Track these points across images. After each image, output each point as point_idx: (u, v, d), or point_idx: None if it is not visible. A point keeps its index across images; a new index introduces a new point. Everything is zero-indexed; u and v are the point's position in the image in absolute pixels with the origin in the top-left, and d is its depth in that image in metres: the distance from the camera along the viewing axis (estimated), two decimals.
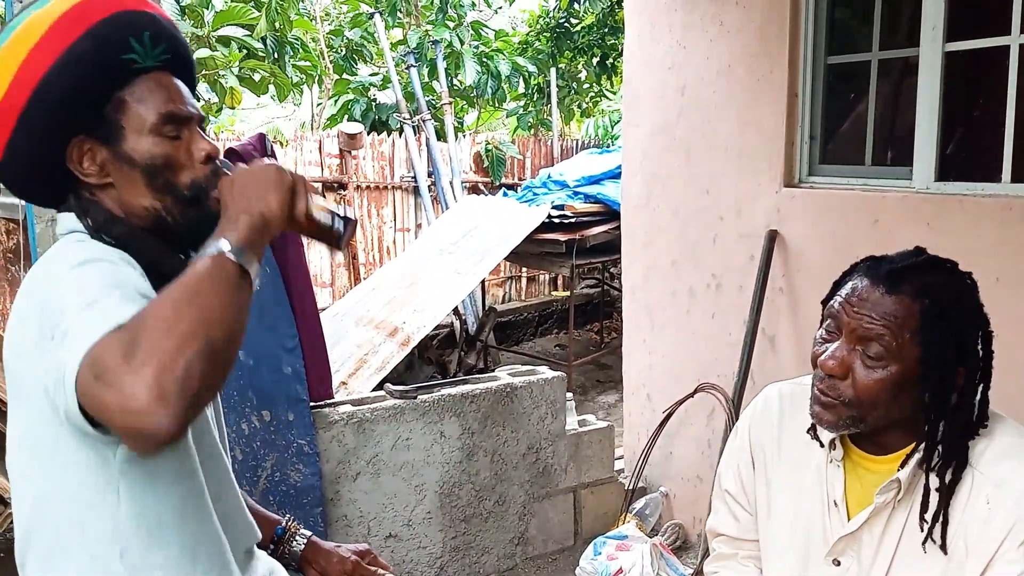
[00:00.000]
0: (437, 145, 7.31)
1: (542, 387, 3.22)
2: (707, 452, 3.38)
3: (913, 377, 1.11)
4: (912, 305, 1.11)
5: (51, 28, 1.05)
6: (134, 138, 1.11)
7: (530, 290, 8.29)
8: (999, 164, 2.50)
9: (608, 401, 5.92)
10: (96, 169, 1.12)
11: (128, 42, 1.09)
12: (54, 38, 1.05)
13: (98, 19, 1.07)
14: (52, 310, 1.01)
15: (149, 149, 1.11)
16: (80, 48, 1.05)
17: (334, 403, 2.91)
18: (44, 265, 1.11)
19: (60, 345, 0.96)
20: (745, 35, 3.14)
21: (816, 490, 1.25)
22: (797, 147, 3.06)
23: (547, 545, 3.33)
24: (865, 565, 1.20)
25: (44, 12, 1.06)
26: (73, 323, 0.96)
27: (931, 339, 1.10)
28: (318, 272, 6.90)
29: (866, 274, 1.15)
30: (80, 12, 1.06)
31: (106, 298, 0.97)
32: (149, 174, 1.12)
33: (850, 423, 1.15)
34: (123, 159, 1.12)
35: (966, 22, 2.65)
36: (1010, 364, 2.34)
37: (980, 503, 1.10)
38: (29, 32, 1.05)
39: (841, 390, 1.13)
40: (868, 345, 1.11)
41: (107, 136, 1.11)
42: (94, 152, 1.12)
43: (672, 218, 3.54)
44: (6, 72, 1.05)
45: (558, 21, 9.34)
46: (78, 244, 1.12)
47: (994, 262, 2.40)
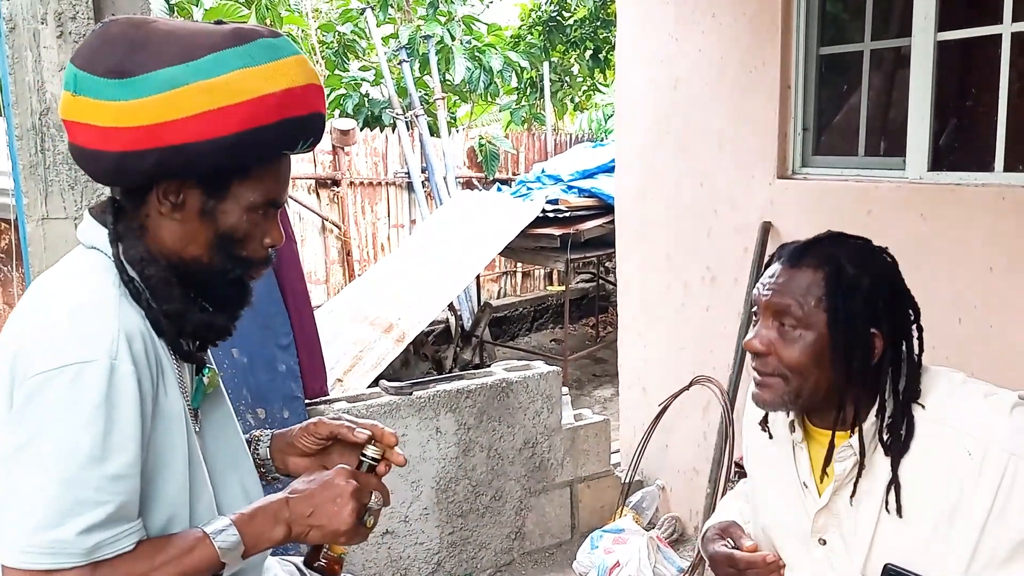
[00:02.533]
0: (430, 140, 7.29)
1: (538, 382, 3.22)
2: (703, 445, 3.39)
3: (827, 343, 1.16)
4: (815, 274, 1.18)
5: (254, 101, 1.03)
6: (231, 204, 1.10)
7: (525, 285, 8.29)
8: (992, 153, 2.50)
9: (604, 395, 5.92)
10: (173, 202, 1.09)
11: (297, 141, 1.10)
12: (250, 112, 1.03)
13: (293, 115, 1.07)
14: (24, 362, 1.00)
15: (236, 222, 1.11)
16: (264, 134, 1.05)
17: (329, 400, 2.90)
18: (49, 286, 1.09)
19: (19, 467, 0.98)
20: (737, 27, 3.13)
21: (791, 476, 1.29)
22: (790, 139, 3.05)
23: (544, 539, 3.33)
24: (848, 538, 1.22)
25: (255, 76, 1.03)
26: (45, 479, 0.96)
27: (835, 304, 1.16)
28: (312, 269, 6.88)
29: (777, 258, 1.24)
30: (284, 100, 1.05)
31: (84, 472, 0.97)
32: (221, 238, 1.11)
33: (789, 399, 1.20)
34: (208, 214, 1.10)
35: (958, 11, 2.65)
36: (1006, 351, 2.35)
37: (960, 456, 1.12)
38: (231, 89, 1.02)
39: (772, 365, 1.19)
40: (783, 318, 1.18)
41: (211, 189, 1.09)
42: (186, 193, 1.09)
43: (666, 211, 3.53)
44: (189, 107, 1.01)
45: (550, 15, 9.31)
46: (99, 278, 1.08)
47: (987, 251, 2.41)
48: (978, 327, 2.40)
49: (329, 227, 7.04)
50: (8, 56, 1.99)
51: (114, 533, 1.00)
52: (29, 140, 2.02)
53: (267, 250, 1.16)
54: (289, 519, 1.10)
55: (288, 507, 1.11)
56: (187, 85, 1.01)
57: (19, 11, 1.97)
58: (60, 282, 1.10)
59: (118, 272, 1.08)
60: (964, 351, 2.36)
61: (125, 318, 1.05)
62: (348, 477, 1.14)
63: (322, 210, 6.97)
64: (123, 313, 1.05)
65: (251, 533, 1.08)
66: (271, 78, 1.04)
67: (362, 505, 1.14)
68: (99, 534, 0.98)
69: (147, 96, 1.01)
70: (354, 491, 1.13)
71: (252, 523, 1.09)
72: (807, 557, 1.27)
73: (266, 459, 1.33)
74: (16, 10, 1.97)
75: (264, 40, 1.05)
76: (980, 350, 2.38)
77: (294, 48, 1.09)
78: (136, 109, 1.01)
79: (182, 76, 1.01)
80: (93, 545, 0.98)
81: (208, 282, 1.14)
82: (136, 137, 1.02)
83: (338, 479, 1.14)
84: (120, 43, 1.04)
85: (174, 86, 1.01)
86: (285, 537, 1.10)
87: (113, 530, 1.00)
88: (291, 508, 1.11)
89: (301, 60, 1.08)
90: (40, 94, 2.01)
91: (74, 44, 2.01)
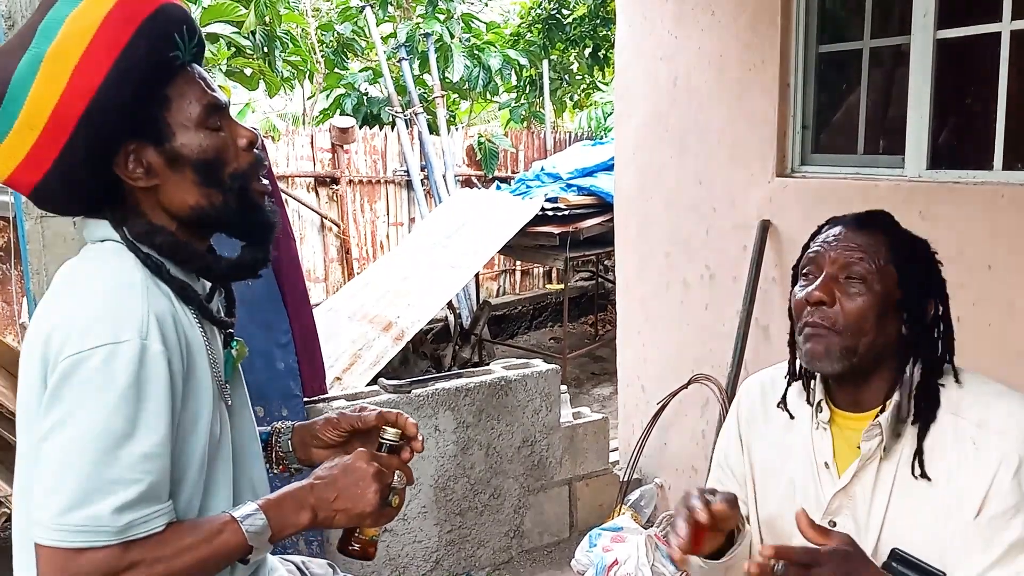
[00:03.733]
0: (429, 139, 7.28)
1: (537, 380, 3.22)
2: (701, 443, 3.39)
3: (894, 301, 1.19)
4: (883, 237, 1.22)
5: (100, 31, 1.01)
6: (183, 134, 1.09)
7: (524, 283, 8.29)
8: (990, 151, 2.50)
9: (603, 393, 5.92)
10: (143, 172, 1.09)
11: (173, 37, 1.07)
12: (105, 41, 1.01)
13: (146, 15, 1.04)
14: (56, 345, 1.01)
15: (200, 144, 1.09)
16: (135, 48, 1.02)
17: (328, 398, 2.90)
18: (73, 275, 1.10)
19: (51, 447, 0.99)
20: (737, 25, 3.13)
21: (805, 459, 1.29)
22: (789, 137, 3.05)
23: (542, 538, 3.33)
24: (861, 521, 1.22)
25: (85, 11, 1.02)
26: (78, 458, 0.98)
27: (904, 264, 1.20)
28: (311, 267, 6.88)
29: (836, 224, 1.27)
30: (125, 11, 1.02)
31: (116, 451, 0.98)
32: (200, 170, 1.10)
33: (843, 354, 1.19)
34: (173, 158, 1.09)
35: (957, 9, 2.65)
36: (1005, 350, 2.35)
37: (967, 446, 1.14)
38: (75, 35, 1.01)
39: (832, 316, 1.19)
40: (850, 271, 1.19)
41: (155, 136, 1.08)
42: (141, 154, 1.08)
43: (665, 209, 3.53)
44: (57, 81, 1.01)
45: (550, 12, 9.30)
46: (120, 263, 1.09)
47: (986, 249, 2.41)
48: (976, 325, 2.40)
49: (328, 225, 7.03)
50: None
51: (145, 513, 1.01)
52: None
53: (249, 152, 1.15)
54: (314, 504, 1.11)
55: (313, 492, 1.12)
56: (42, 61, 1.01)
57: (18, 9, 1.97)
58: (86, 269, 1.11)
59: (133, 253, 1.09)
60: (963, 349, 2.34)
61: (154, 300, 1.06)
62: (369, 459, 1.15)
63: (321, 208, 6.97)
64: (151, 295, 1.07)
65: (277, 518, 1.08)
66: (96, 4, 1.03)
67: (385, 485, 1.15)
68: (131, 513, 0.99)
69: (25, 100, 1.01)
70: (376, 472, 1.14)
71: (279, 508, 1.09)
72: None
73: (288, 451, 1.35)
74: (15, 8, 1.97)
75: None
76: (979, 349, 2.38)
77: None
78: (28, 118, 1.02)
79: (33, 57, 1.01)
80: (125, 524, 0.99)
81: (222, 221, 1.14)
82: (51, 138, 1.03)
83: (359, 462, 1.14)
84: None
85: (35, 71, 1.01)
86: (311, 522, 1.11)
87: (145, 510, 1.01)
88: (315, 493, 1.12)
89: None
90: None
91: None
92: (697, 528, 1.16)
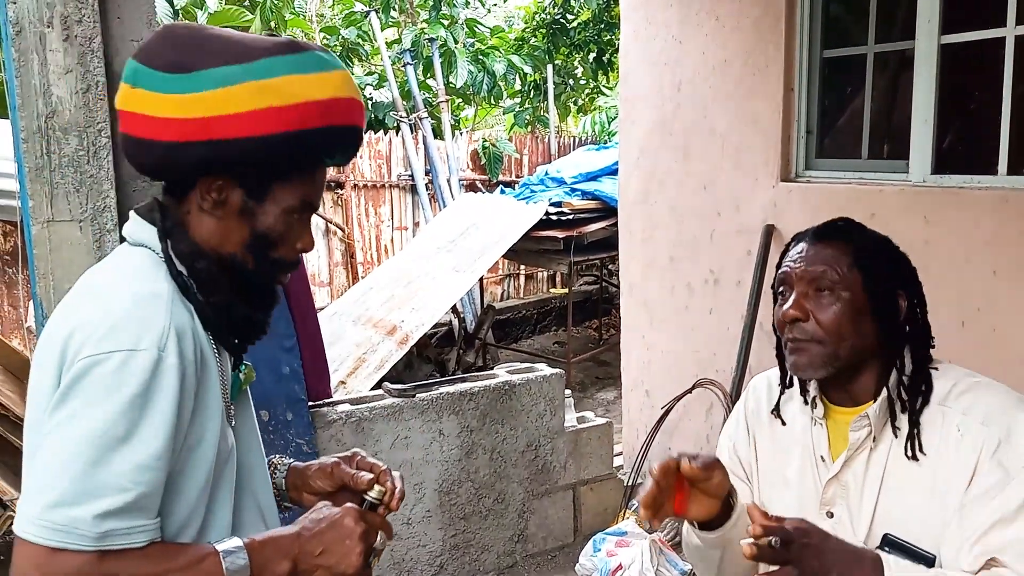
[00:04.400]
0: (434, 143, 7.30)
1: (541, 384, 3.22)
2: (706, 447, 3.39)
3: (864, 302, 1.24)
4: (843, 246, 1.27)
5: (303, 104, 1.08)
6: (270, 205, 1.14)
7: (528, 288, 8.29)
8: (995, 156, 2.50)
9: (607, 398, 5.92)
10: (215, 199, 1.13)
11: (336, 148, 1.16)
12: (299, 114, 1.08)
13: (335, 123, 1.12)
14: (75, 345, 1.02)
15: (273, 223, 1.15)
16: (308, 138, 1.10)
17: (332, 402, 2.91)
18: (101, 276, 1.13)
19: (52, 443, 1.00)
20: (741, 30, 3.13)
21: (803, 453, 1.34)
22: (793, 141, 3.05)
23: (547, 542, 3.33)
24: (854, 510, 1.27)
25: (305, 82, 1.09)
26: (74, 458, 0.98)
27: (867, 265, 1.25)
28: (316, 271, 6.90)
29: (799, 240, 1.32)
30: (330, 108, 1.11)
31: (112, 455, 0.99)
32: (257, 238, 1.15)
33: (826, 361, 1.25)
34: (247, 214, 1.14)
35: (961, 14, 2.65)
36: (1009, 354, 2.35)
37: (952, 432, 1.20)
38: (283, 91, 1.08)
39: (809, 330, 1.24)
40: (817, 284, 1.25)
41: (253, 190, 1.14)
42: (228, 191, 1.13)
43: (669, 214, 3.53)
44: (241, 103, 1.07)
45: (554, 17, 9.32)
46: (150, 273, 1.11)
47: (991, 254, 2.41)
48: (981, 330, 2.40)
49: (333, 229, 7.05)
50: (14, 59, 1.99)
51: (128, 525, 1.01)
52: (35, 143, 2.03)
53: (298, 254, 1.21)
54: (298, 555, 1.11)
55: (299, 543, 1.12)
56: (241, 84, 1.07)
57: (25, 14, 1.98)
58: (114, 275, 1.13)
59: (167, 267, 1.12)
60: (967, 354, 2.34)
61: (176, 314, 1.08)
62: (357, 518, 1.15)
63: (326, 212, 6.99)
64: (175, 309, 1.08)
65: (258, 561, 1.09)
66: (319, 86, 1.10)
67: (369, 546, 1.16)
68: (114, 522, 0.99)
69: (202, 91, 1.07)
70: (363, 533, 1.14)
71: (262, 551, 1.09)
72: None
73: (281, 488, 1.36)
74: (22, 13, 1.98)
75: (315, 52, 1.13)
76: (983, 353, 2.37)
77: (342, 65, 1.15)
78: (191, 102, 1.07)
79: (237, 75, 1.07)
80: (104, 532, 0.99)
81: (241, 279, 1.18)
82: (188, 129, 1.07)
83: (347, 519, 1.14)
84: (181, 42, 1.10)
85: (229, 83, 1.07)
86: (289, 572, 1.11)
87: (128, 522, 1.01)
88: (301, 545, 1.12)
89: (347, 76, 1.15)
90: (46, 97, 2.02)
91: (80, 47, 2.02)
92: (678, 487, 1.20)
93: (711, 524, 1.25)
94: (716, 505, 1.24)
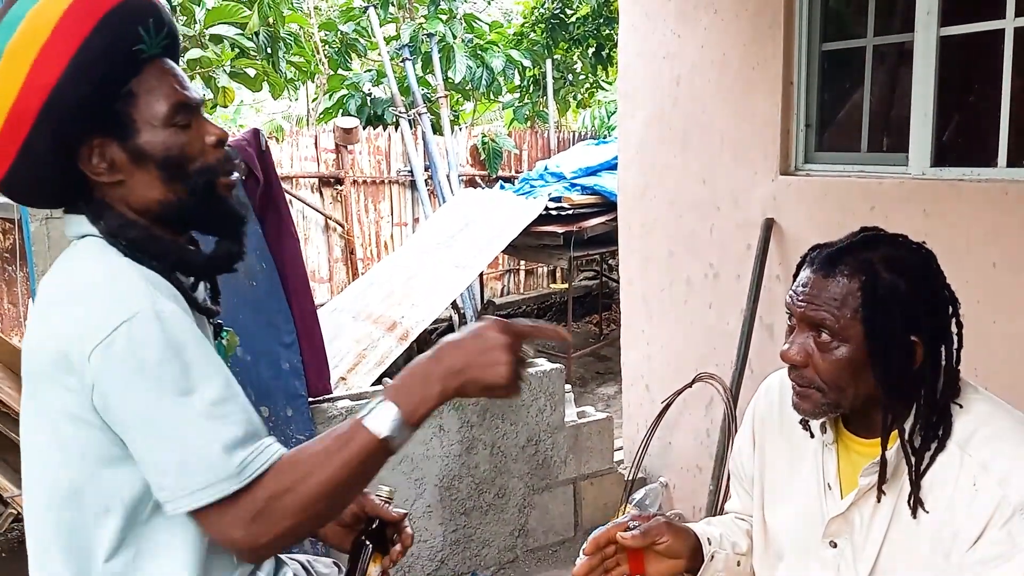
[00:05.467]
0: (433, 139, 7.29)
1: (541, 379, 3.23)
2: (706, 442, 3.39)
3: (864, 357, 1.13)
4: (850, 283, 1.13)
5: (59, 24, 1.00)
6: (148, 131, 1.07)
7: (528, 283, 8.29)
8: (995, 149, 2.50)
9: (607, 392, 5.92)
10: (106, 167, 1.08)
11: (137, 31, 1.05)
12: (64, 35, 1.00)
13: (106, 10, 1.02)
14: (70, 340, 1.00)
15: (164, 141, 1.08)
16: (93, 44, 1.01)
17: (333, 398, 2.91)
18: (62, 278, 1.09)
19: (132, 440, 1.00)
20: (740, 23, 3.12)
21: (813, 475, 1.27)
22: (793, 135, 3.05)
23: (547, 537, 3.33)
24: (858, 549, 1.22)
25: (44, 7, 1.01)
26: (159, 436, 0.98)
27: (872, 315, 1.12)
28: (315, 267, 6.89)
29: (810, 264, 1.19)
30: (85, 5, 1.01)
31: (188, 406, 0.98)
32: (165, 167, 1.08)
33: (828, 408, 1.18)
34: (137, 154, 1.08)
35: (960, 6, 2.64)
36: (1009, 347, 2.35)
37: (967, 485, 1.12)
38: (34, 30, 1.00)
39: (808, 377, 1.17)
40: (819, 330, 1.15)
41: (119, 132, 1.07)
42: (105, 150, 1.07)
43: (669, 208, 3.53)
44: (15, 76, 1.00)
45: (553, 12, 9.30)
46: (100, 255, 1.08)
47: (991, 247, 2.40)
48: (981, 323, 2.39)
49: (332, 225, 7.04)
50: None
51: (253, 448, 1.00)
52: None
53: (218, 149, 1.14)
54: (442, 375, 1.03)
55: (440, 363, 1.04)
56: (1, 58, 1.00)
57: None
58: (73, 268, 1.10)
59: (114, 247, 1.09)
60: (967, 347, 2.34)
61: (149, 277, 1.07)
62: (500, 329, 1.05)
63: (325, 208, 6.98)
64: (147, 274, 1.07)
65: (407, 400, 1.02)
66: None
67: (518, 358, 1.05)
68: (240, 452, 0.98)
69: None
70: (508, 343, 1.04)
71: (405, 390, 1.03)
72: (815, 557, 1.27)
73: None
74: None
75: None
76: (983, 346, 2.37)
77: None
78: None
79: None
80: (239, 464, 0.98)
81: (190, 216, 1.13)
82: (11, 134, 1.02)
83: (490, 331, 1.05)
84: None
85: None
86: (441, 394, 1.03)
87: (251, 446, 1.00)
88: (441, 363, 1.04)
89: None
90: None
91: None
92: (630, 551, 1.20)
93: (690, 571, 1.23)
94: (680, 563, 1.22)
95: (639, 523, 1.23)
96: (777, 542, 1.34)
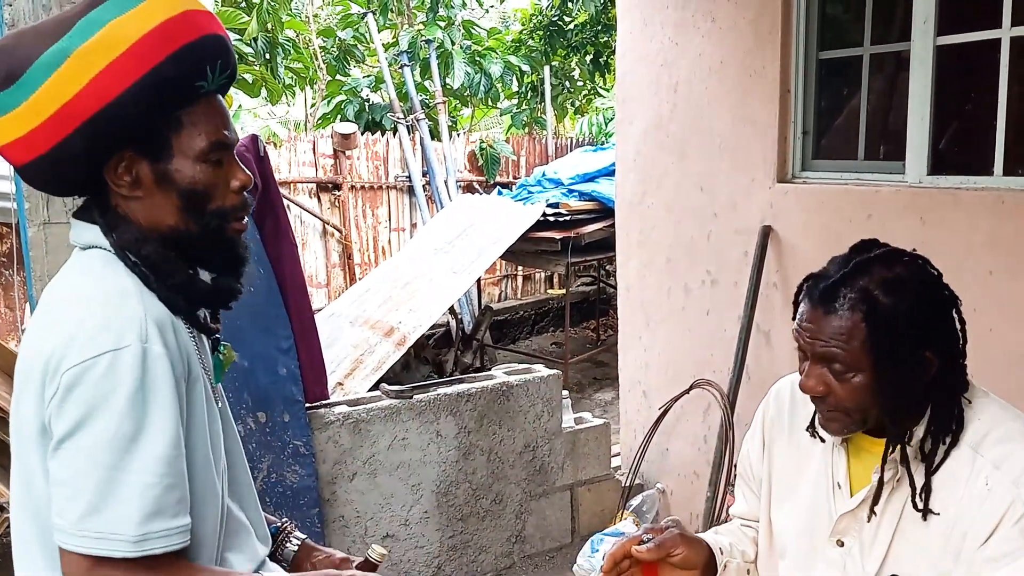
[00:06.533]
0: (431, 144, 7.29)
1: (538, 385, 3.22)
2: (703, 448, 3.39)
3: (878, 380, 1.16)
4: (853, 316, 1.15)
5: (137, 43, 1.01)
6: (180, 160, 1.09)
7: (526, 288, 8.29)
8: (991, 157, 2.51)
9: (604, 398, 5.92)
10: (129, 181, 1.09)
11: (205, 69, 1.07)
12: (138, 56, 1.01)
13: (184, 43, 1.04)
14: (55, 359, 1.01)
15: (193, 174, 1.10)
16: (163, 71, 1.03)
17: (330, 404, 2.90)
18: (63, 291, 1.10)
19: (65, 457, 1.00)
20: (737, 31, 3.14)
21: (822, 473, 1.29)
22: (790, 142, 3.06)
23: (544, 543, 3.33)
24: (866, 546, 1.23)
25: (128, 22, 1.02)
26: (93, 465, 0.98)
27: (880, 343, 1.14)
28: (313, 273, 6.89)
29: (807, 296, 1.20)
30: (167, 32, 1.03)
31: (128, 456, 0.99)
32: (186, 197, 1.10)
33: (856, 427, 1.21)
34: (163, 177, 1.09)
35: (957, 16, 2.66)
36: (1006, 355, 2.35)
37: (979, 484, 1.14)
38: (111, 40, 1.01)
39: (831, 403, 1.20)
40: (831, 363, 1.17)
41: (153, 152, 1.08)
42: (133, 165, 1.08)
43: (666, 215, 3.54)
44: (78, 78, 1.01)
45: (551, 19, 9.33)
46: (108, 271, 1.09)
47: (987, 255, 2.41)
48: (978, 331, 2.39)
49: (330, 231, 7.04)
50: None
51: (165, 527, 1.01)
52: None
53: (239, 195, 1.15)
54: None
55: None
56: (70, 56, 1.01)
57: (21, 16, 1.98)
58: (75, 282, 1.11)
59: (122, 261, 1.09)
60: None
61: (149, 305, 1.07)
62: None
63: (323, 214, 6.98)
64: (146, 301, 1.07)
65: None
66: (144, 18, 1.03)
67: None
68: (150, 524, 0.99)
69: (39, 86, 1.01)
70: None
71: None
72: (821, 557, 1.28)
73: (290, 558, 1.38)
74: (18, 15, 1.98)
75: None
76: (980, 354, 2.37)
77: None
78: (36, 104, 1.02)
79: (62, 50, 1.01)
80: (143, 534, 0.99)
81: (195, 248, 1.14)
82: (51, 129, 1.03)
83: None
84: (4, 54, 1.04)
85: (59, 62, 1.01)
86: None
87: (164, 523, 1.00)
88: None
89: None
90: None
91: None
92: (644, 566, 1.23)
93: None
94: (694, 574, 1.25)
95: (653, 536, 1.25)
96: (781, 542, 1.34)
